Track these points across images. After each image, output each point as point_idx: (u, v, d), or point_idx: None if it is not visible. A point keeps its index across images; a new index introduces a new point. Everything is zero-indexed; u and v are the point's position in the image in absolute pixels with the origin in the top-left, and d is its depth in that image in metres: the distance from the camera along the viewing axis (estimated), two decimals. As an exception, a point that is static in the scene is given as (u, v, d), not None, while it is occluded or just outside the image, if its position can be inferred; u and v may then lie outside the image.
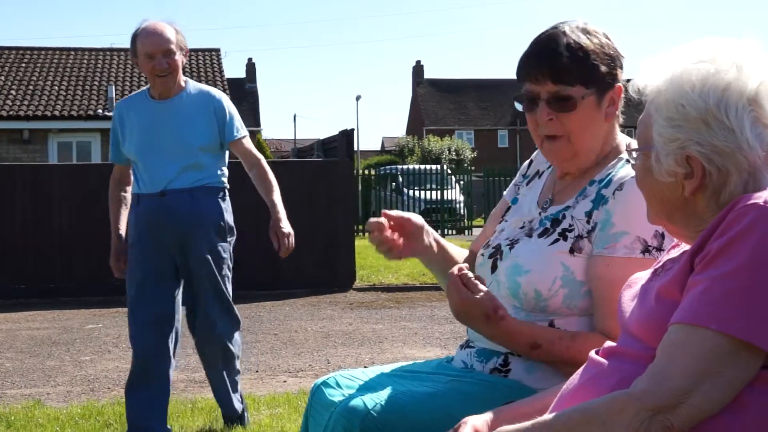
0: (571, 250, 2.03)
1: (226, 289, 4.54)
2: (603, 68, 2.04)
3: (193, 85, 4.53)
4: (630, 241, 1.95)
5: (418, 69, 61.13)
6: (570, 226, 2.05)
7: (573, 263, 2.02)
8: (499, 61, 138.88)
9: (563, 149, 2.10)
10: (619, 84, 2.07)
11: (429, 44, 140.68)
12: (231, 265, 4.61)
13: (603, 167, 2.09)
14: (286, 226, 4.44)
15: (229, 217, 4.58)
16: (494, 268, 2.16)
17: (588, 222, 2.03)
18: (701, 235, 1.48)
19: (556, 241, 2.05)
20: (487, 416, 1.72)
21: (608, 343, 1.64)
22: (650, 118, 1.57)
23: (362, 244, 12.72)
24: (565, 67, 2.02)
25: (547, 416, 1.51)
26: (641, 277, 1.72)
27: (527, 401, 1.77)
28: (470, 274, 1.95)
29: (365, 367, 6.52)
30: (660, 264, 1.68)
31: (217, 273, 4.47)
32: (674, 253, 1.69)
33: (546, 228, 2.09)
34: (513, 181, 2.39)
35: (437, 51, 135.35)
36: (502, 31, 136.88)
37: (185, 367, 6.70)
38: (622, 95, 2.08)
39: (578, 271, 2.01)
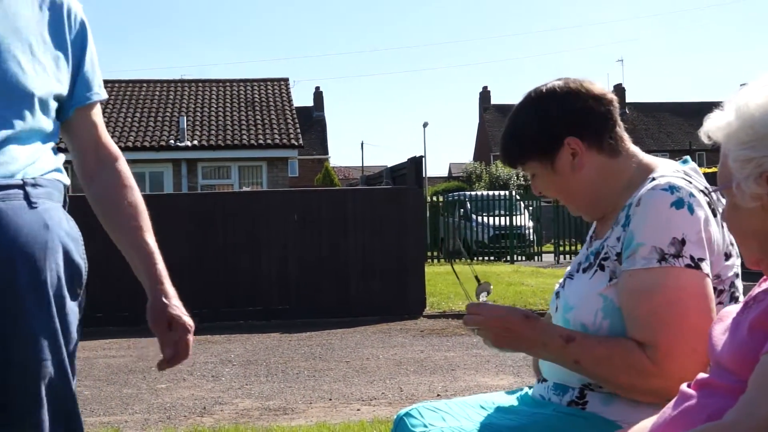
0: (610, 279, 2.04)
1: (73, 396, 2.01)
2: (536, 139, 2.16)
3: None
4: (647, 252, 1.95)
5: (484, 94, 61.11)
6: (606, 254, 2.08)
7: (611, 292, 2.03)
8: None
9: (569, 207, 2.28)
10: (569, 138, 2.13)
11: (495, 70, 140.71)
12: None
13: (633, 191, 2.09)
14: (182, 312, 2.16)
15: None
16: (557, 307, 2.22)
17: (619, 246, 2.05)
18: None
19: (595, 272, 2.09)
20: None
21: (701, 375, 1.62)
22: (725, 151, 1.57)
23: (432, 271, 12.69)
24: (508, 154, 2.26)
25: (637, 451, 1.49)
26: (732, 310, 1.70)
27: None
28: (482, 299, 2.16)
29: (438, 395, 6.53)
30: (752, 296, 1.65)
31: (57, 364, 1.95)
32: (765, 285, 1.65)
33: (590, 263, 2.13)
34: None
35: (504, 76, 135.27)
36: (568, 55, 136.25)
37: (259, 394, 6.75)
38: (582, 145, 2.14)
39: (617, 298, 2.02)
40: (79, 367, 1.71)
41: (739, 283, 2.08)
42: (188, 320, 2.13)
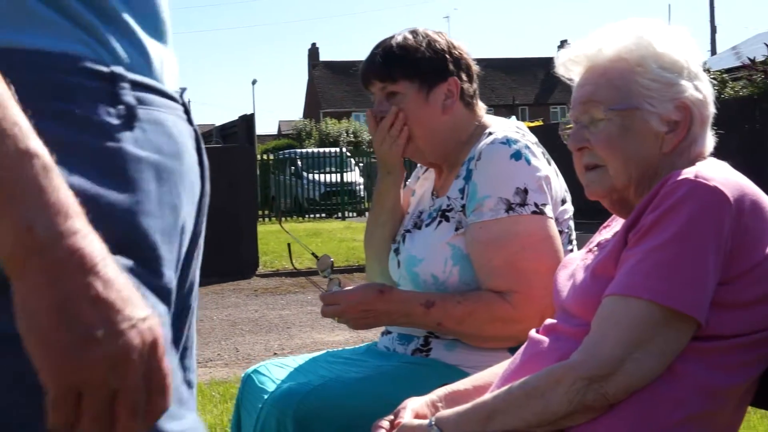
0: (456, 229, 2.10)
1: None
2: (426, 63, 2.15)
3: None
4: (493, 203, 2.03)
5: (313, 51, 60.84)
6: (449, 206, 2.14)
7: (458, 241, 2.09)
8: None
9: (410, 146, 2.22)
10: (453, 77, 2.17)
11: (324, 26, 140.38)
12: None
13: (471, 147, 2.16)
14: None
15: None
16: (399, 263, 2.25)
17: (462, 198, 2.11)
18: (635, 210, 1.51)
19: (440, 223, 2.14)
20: (427, 398, 1.72)
21: (548, 321, 1.67)
22: (627, 73, 1.59)
23: (264, 230, 12.64)
24: (386, 65, 2.17)
25: (488, 396, 1.53)
26: (575, 257, 1.75)
27: (467, 382, 1.78)
28: (334, 288, 2.16)
29: (275, 353, 6.52)
30: (594, 243, 1.71)
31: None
32: (606, 233, 1.72)
33: (433, 217, 2.18)
34: (414, 172, 2.47)
35: (333, 33, 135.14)
36: (397, 11, 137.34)
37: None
38: (464, 85, 2.20)
39: (464, 246, 2.09)
40: None
41: (572, 225, 2.19)
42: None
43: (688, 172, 1.46)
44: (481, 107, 2.26)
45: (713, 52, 34.86)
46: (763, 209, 1.48)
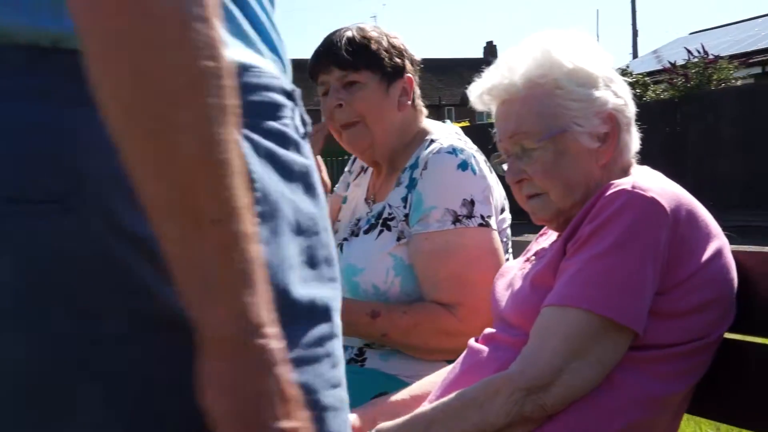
0: (398, 239, 2.06)
1: None
2: (387, 57, 2.14)
3: None
4: (440, 215, 2.00)
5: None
6: (390, 215, 2.10)
7: (401, 251, 2.06)
8: (321, 40, 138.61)
9: (360, 135, 2.15)
10: (409, 75, 2.16)
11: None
12: None
13: (411, 152, 2.14)
14: None
15: None
16: None
17: (405, 207, 2.07)
18: (573, 221, 1.51)
19: (381, 232, 2.10)
20: (363, 412, 1.70)
21: (488, 330, 1.65)
22: (547, 98, 1.56)
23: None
24: (348, 54, 2.11)
25: (427, 407, 1.52)
26: (512, 266, 1.74)
27: (405, 393, 1.76)
28: None
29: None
30: (532, 252, 1.71)
31: None
32: (543, 241, 1.71)
33: (372, 224, 2.13)
34: (342, 177, 2.43)
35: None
36: (325, 10, 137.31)
37: None
38: (415, 86, 2.19)
39: (406, 257, 2.05)
40: None
41: (510, 233, 2.17)
42: None
43: (625, 183, 1.46)
44: (423, 111, 2.23)
45: (635, 55, 35.51)
46: (698, 219, 1.48)
